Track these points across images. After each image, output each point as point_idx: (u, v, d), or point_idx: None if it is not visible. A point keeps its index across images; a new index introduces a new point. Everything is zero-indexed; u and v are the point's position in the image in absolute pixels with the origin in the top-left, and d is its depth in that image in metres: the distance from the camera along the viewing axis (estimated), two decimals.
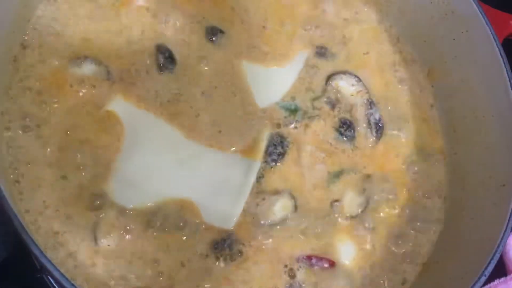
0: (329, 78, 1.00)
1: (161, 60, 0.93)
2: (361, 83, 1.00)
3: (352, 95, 1.00)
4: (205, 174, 0.88)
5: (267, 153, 0.92)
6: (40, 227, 0.78)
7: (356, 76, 1.01)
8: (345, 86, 1.00)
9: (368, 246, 0.90)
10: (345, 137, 0.97)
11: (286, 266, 0.86)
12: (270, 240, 0.86)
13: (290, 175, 0.92)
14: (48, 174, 0.81)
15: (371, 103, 1.00)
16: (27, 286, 0.91)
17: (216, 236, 0.84)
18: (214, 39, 0.97)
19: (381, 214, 0.93)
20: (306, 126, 0.95)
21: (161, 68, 0.92)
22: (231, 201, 0.87)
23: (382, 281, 0.89)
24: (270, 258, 0.85)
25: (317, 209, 0.90)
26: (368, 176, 0.95)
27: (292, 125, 0.95)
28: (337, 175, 0.94)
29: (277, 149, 0.92)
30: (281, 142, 0.93)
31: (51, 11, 0.92)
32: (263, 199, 0.88)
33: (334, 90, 1.00)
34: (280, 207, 0.88)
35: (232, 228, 0.85)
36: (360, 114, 0.99)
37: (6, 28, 0.84)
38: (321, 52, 1.02)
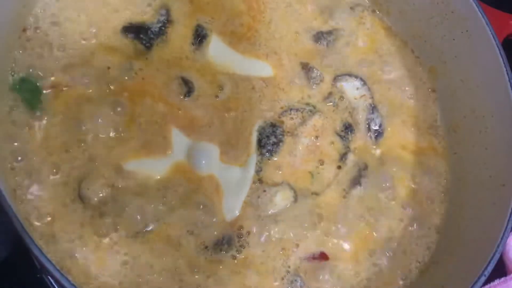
0: (335, 78, 1.01)
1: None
2: (365, 86, 1.00)
3: (356, 99, 1.00)
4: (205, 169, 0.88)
5: (261, 145, 0.92)
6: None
7: (361, 79, 1.01)
8: (350, 88, 1.00)
9: (366, 244, 0.90)
10: (343, 138, 0.96)
11: (285, 258, 0.86)
12: (271, 231, 0.86)
13: (287, 167, 0.92)
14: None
15: (373, 108, 1.00)
16: (27, 286, 0.91)
17: (216, 230, 0.85)
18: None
19: (380, 213, 0.93)
20: (304, 118, 0.95)
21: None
22: (231, 195, 0.87)
23: (381, 281, 0.89)
24: (270, 250, 0.86)
25: (315, 200, 0.91)
26: (365, 174, 0.94)
27: (289, 116, 0.95)
28: (335, 167, 0.94)
29: (270, 139, 0.92)
30: (274, 132, 0.93)
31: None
32: (264, 191, 0.88)
33: (339, 91, 1.00)
34: (281, 198, 0.88)
35: (232, 221, 0.86)
36: (361, 118, 0.99)
37: (5, 26, 0.84)
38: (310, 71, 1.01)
